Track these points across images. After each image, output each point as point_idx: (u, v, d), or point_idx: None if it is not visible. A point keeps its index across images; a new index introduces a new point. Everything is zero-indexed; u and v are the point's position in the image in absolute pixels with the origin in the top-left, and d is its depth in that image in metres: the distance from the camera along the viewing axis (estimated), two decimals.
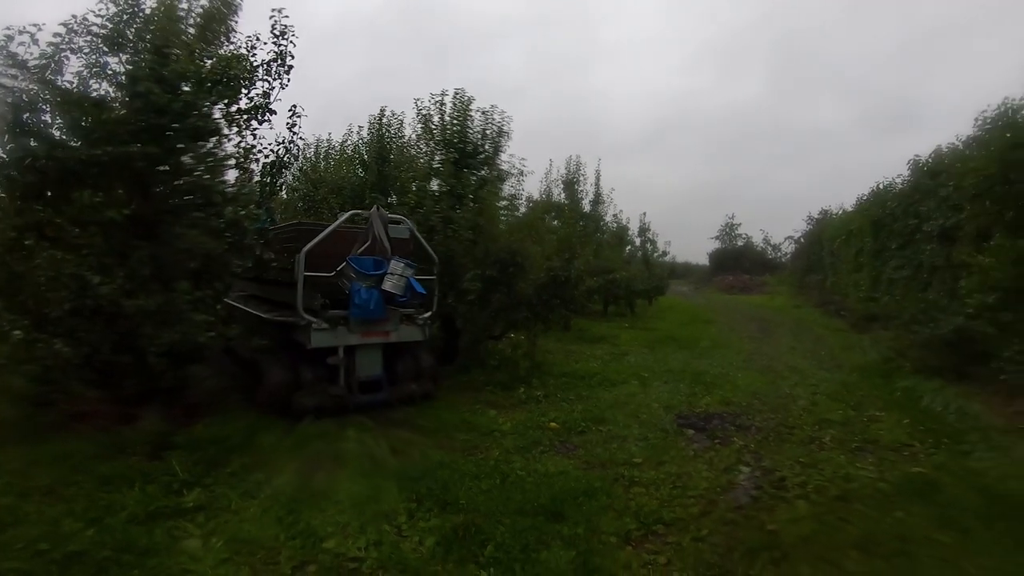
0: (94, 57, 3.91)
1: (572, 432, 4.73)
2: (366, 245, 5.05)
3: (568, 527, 2.94)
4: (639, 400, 5.85)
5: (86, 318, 3.61)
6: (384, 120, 8.20)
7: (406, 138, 8.30)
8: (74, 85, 3.82)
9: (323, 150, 9.96)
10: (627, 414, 5.29)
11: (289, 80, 4.63)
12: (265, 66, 4.53)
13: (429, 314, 5.64)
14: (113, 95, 3.91)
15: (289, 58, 4.51)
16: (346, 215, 5.35)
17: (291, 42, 4.55)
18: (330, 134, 10.02)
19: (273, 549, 2.68)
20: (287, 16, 4.51)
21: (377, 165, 8.00)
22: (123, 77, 3.85)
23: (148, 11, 4.01)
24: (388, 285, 4.89)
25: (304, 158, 9.60)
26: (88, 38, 3.85)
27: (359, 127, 8.59)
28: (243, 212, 4.29)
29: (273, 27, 4.53)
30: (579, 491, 3.41)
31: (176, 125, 3.80)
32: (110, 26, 3.88)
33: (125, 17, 3.91)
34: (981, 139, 7.58)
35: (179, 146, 3.86)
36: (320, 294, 4.84)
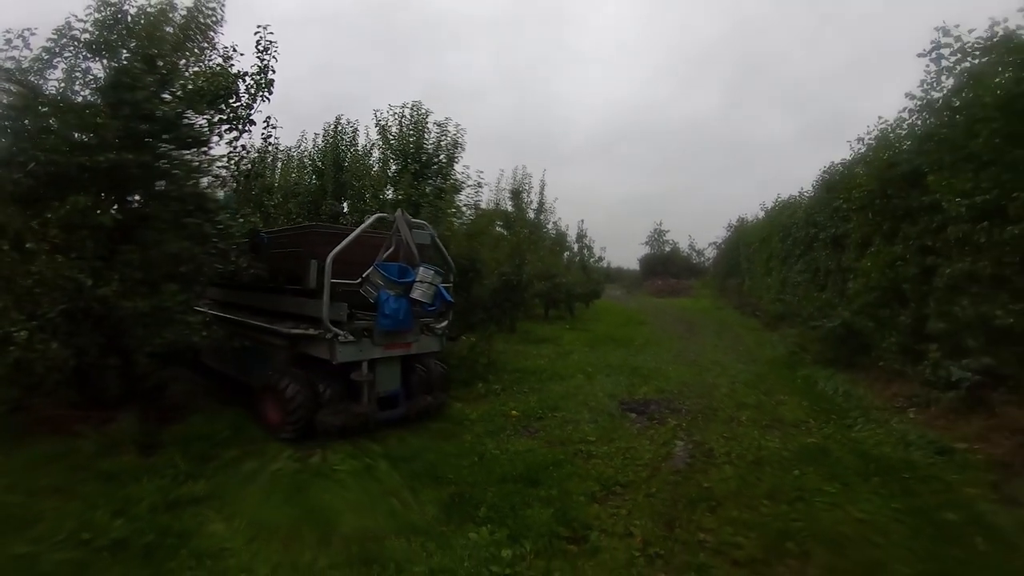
0: (74, 62, 3.99)
1: (532, 418, 5.31)
2: (390, 251, 4.77)
3: (544, 490, 3.53)
4: (586, 391, 6.53)
5: (76, 321, 3.71)
6: (339, 128, 8.41)
7: (360, 146, 8.54)
8: (58, 90, 3.89)
9: (272, 154, 9.93)
10: (577, 402, 5.94)
11: (272, 93, 4.79)
12: (248, 79, 4.66)
13: (446, 323, 5.38)
14: (96, 101, 3.99)
15: (271, 72, 4.69)
16: (372, 218, 4.99)
17: (274, 57, 4.72)
18: (278, 139, 9.95)
19: (294, 526, 3.02)
20: (272, 32, 4.69)
21: (333, 172, 8.19)
22: (108, 83, 3.94)
23: (131, 18, 4.10)
24: (417, 293, 4.56)
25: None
26: (70, 43, 3.91)
27: (314, 134, 8.72)
28: (241, 219, 4.47)
29: (258, 42, 4.66)
30: (547, 463, 4.00)
31: (166, 134, 3.96)
32: (95, 32, 3.96)
33: (109, 23, 4.01)
34: (864, 158, 8.53)
35: (170, 153, 4.01)
36: (348, 304, 4.54)
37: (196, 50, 4.29)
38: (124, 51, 4.01)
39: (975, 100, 5.36)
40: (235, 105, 4.46)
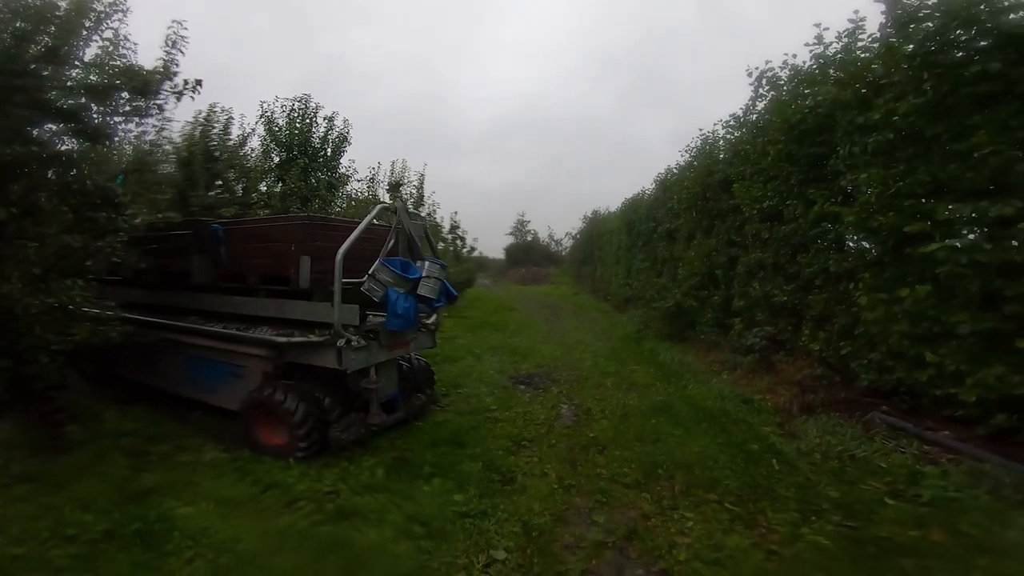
0: None
1: (439, 395, 5.86)
2: (392, 244, 4.47)
3: (470, 449, 4.24)
4: (478, 369, 7.31)
5: None
6: (212, 116, 7.88)
7: (235, 136, 8.12)
8: None
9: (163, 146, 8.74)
10: (473, 379, 6.70)
11: (198, 93, 4.55)
12: (178, 79, 4.39)
13: (437, 317, 5.14)
14: None
15: (174, 66, 4.48)
16: (376, 209, 4.59)
17: (180, 51, 4.49)
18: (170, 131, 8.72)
19: (257, 500, 3.32)
20: (186, 28, 4.43)
21: (204, 162, 7.69)
22: None
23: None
24: (425, 290, 4.33)
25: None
26: None
27: (184, 122, 8.04)
28: (160, 215, 4.29)
29: (168, 38, 4.42)
30: (466, 429, 4.72)
31: (63, 124, 3.72)
32: None
33: None
34: (691, 164, 10.15)
35: (71, 145, 3.77)
36: (359, 305, 4.09)
37: (94, 38, 4.00)
38: (5, 35, 3.64)
39: (770, 124, 6.56)
40: (155, 103, 4.24)
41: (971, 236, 3.97)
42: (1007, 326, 3.64)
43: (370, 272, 4.11)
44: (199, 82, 4.47)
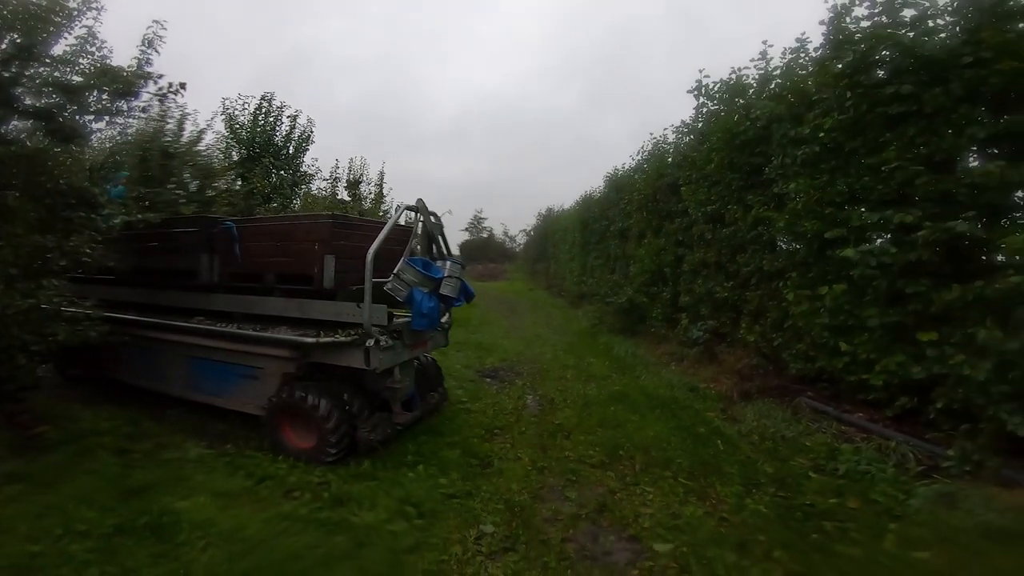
0: None
1: None
2: (415, 243, 4.43)
3: (448, 438, 4.55)
4: (446, 364, 7.42)
5: None
6: (166, 112, 7.66)
7: (188, 131, 7.94)
8: None
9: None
10: (443, 374, 6.91)
11: (178, 94, 4.53)
12: (140, 77, 4.34)
13: (449, 317, 5.12)
14: None
15: (147, 64, 4.45)
16: (402, 209, 4.60)
17: (156, 51, 4.45)
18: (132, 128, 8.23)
19: (253, 492, 3.49)
20: (165, 28, 4.41)
21: (161, 160, 7.49)
22: None
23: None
24: (447, 289, 4.31)
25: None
26: None
27: (140, 118, 7.74)
28: (138, 217, 4.28)
29: (145, 37, 4.35)
30: (441, 419, 5.04)
31: (36, 122, 3.69)
32: None
33: None
34: (642, 167, 10.74)
35: (42, 145, 3.74)
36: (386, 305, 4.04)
37: (65, 35, 3.95)
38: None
39: (711, 133, 7.10)
40: (136, 105, 4.23)
41: (880, 241, 4.60)
42: (908, 320, 4.27)
43: (395, 272, 4.07)
44: (183, 85, 4.50)
